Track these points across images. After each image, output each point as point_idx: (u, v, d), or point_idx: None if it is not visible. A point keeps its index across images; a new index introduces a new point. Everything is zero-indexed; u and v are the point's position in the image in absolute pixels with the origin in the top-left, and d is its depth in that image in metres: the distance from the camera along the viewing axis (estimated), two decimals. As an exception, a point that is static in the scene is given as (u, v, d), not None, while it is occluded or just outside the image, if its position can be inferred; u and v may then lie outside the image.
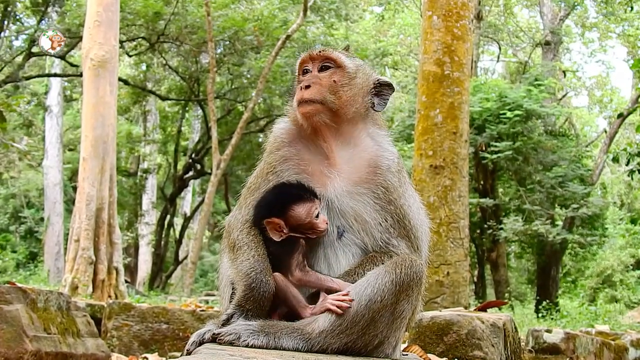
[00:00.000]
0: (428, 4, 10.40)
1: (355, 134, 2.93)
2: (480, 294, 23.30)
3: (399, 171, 2.92)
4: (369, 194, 2.82)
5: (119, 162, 25.86)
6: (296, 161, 2.90)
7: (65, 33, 21.33)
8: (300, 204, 2.74)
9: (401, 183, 2.89)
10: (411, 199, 2.93)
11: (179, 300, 17.65)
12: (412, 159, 10.59)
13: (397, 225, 2.82)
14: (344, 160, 2.88)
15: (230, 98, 27.85)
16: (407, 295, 2.67)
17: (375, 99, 2.97)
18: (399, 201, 2.84)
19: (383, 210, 2.81)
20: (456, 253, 9.63)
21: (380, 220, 2.80)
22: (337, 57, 2.93)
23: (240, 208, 2.94)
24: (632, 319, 17.04)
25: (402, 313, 2.68)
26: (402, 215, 2.83)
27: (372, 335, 2.65)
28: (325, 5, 26.00)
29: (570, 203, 21.27)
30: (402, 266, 2.66)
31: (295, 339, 2.61)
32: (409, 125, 21.47)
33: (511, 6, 32.65)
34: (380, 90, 2.98)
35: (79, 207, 15.14)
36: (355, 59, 3.01)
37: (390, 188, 2.83)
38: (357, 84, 2.93)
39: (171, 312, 8.08)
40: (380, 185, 2.83)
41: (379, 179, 2.84)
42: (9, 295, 5.56)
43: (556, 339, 6.95)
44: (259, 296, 2.64)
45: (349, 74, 2.92)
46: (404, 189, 2.90)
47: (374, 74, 3.02)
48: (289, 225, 2.74)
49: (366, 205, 2.80)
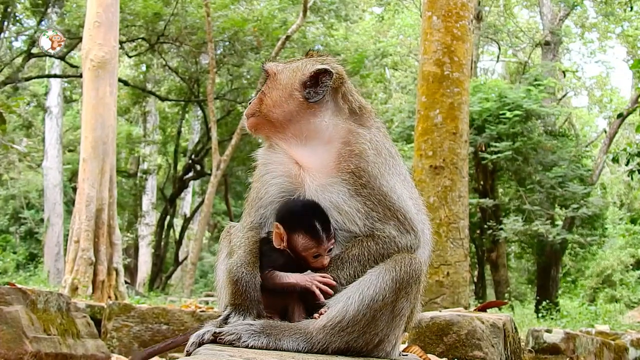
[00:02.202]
0: (428, 4, 10.41)
1: (312, 128, 2.90)
2: (480, 294, 23.30)
3: (377, 153, 2.85)
4: (341, 182, 2.79)
5: (118, 163, 25.86)
6: (274, 166, 2.94)
7: (65, 34, 21.31)
8: (308, 237, 2.72)
9: (378, 164, 2.83)
10: (393, 179, 2.86)
11: (178, 301, 17.65)
12: (412, 160, 10.60)
13: (379, 208, 2.76)
14: (310, 157, 2.88)
15: (230, 99, 27.85)
16: (407, 292, 2.67)
17: (312, 90, 2.91)
18: (374, 182, 2.78)
19: (358, 195, 2.76)
20: (456, 253, 9.64)
21: (359, 207, 2.76)
22: (267, 68, 3.03)
23: (242, 216, 3.04)
24: (632, 318, 17.04)
25: (401, 311, 2.68)
26: (382, 196, 2.78)
27: (372, 334, 2.65)
28: (325, 6, 26.00)
29: (570, 203, 21.27)
30: (402, 264, 2.66)
31: (297, 340, 2.61)
32: (408, 126, 21.47)
33: (511, 6, 32.66)
34: (317, 80, 2.92)
35: (79, 208, 15.14)
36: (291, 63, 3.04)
37: (360, 171, 2.78)
38: (280, 86, 2.96)
39: (171, 313, 8.09)
40: (347, 171, 2.79)
41: (347, 164, 2.80)
42: (9, 297, 5.56)
43: (556, 339, 6.95)
44: (243, 289, 2.67)
45: (275, 80, 2.98)
46: (381, 169, 2.83)
47: (311, 67, 2.95)
48: (289, 243, 2.76)
49: (340, 194, 2.77)
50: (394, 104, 31.43)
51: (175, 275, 31.57)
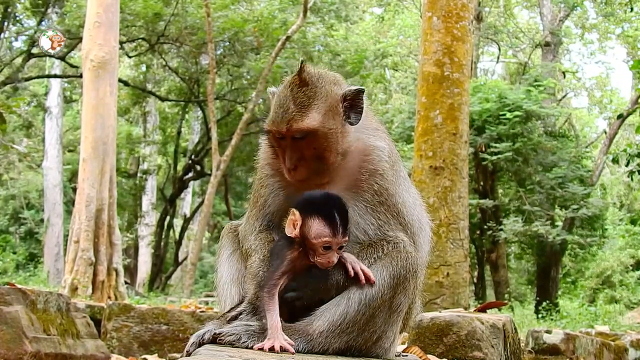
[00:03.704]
0: (428, 5, 10.41)
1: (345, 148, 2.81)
2: (480, 295, 23.30)
3: (392, 167, 2.85)
4: (358, 198, 2.78)
5: (118, 163, 25.86)
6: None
7: (65, 34, 21.31)
8: (323, 224, 2.60)
9: (394, 180, 2.84)
10: (406, 195, 2.89)
11: (178, 301, 17.64)
12: (412, 160, 10.60)
13: (392, 222, 2.79)
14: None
15: (230, 99, 27.85)
16: (404, 288, 2.68)
17: (351, 113, 2.80)
18: (391, 200, 2.80)
19: (375, 211, 2.78)
20: (456, 254, 9.64)
21: (373, 221, 2.78)
22: (307, 127, 2.69)
23: (247, 219, 2.98)
24: (632, 319, 17.03)
25: (399, 307, 2.69)
26: (397, 212, 2.81)
27: (371, 332, 2.66)
28: (325, 6, 26.00)
29: (570, 204, 21.27)
30: (398, 259, 2.68)
31: (296, 340, 2.60)
32: (408, 127, 21.47)
33: (511, 7, 32.66)
34: (352, 101, 2.80)
35: (79, 208, 15.13)
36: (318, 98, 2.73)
37: (381, 189, 2.79)
38: (333, 131, 2.73)
39: (171, 313, 8.08)
40: (368, 190, 2.79)
41: (368, 183, 2.79)
42: (8, 297, 5.56)
43: (556, 340, 6.95)
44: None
45: (325, 131, 2.72)
46: (396, 186, 2.84)
47: (339, 91, 2.80)
48: (302, 230, 2.65)
49: (357, 210, 2.77)
50: (394, 105, 31.45)
51: (175, 276, 31.57)
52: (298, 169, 2.72)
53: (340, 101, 2.78)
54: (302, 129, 2.69)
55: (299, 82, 2.76)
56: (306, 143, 2.71)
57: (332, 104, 2.76)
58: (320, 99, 2.74)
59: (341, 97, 2.78)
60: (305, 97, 2.73)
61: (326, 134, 2.71)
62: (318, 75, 2.81)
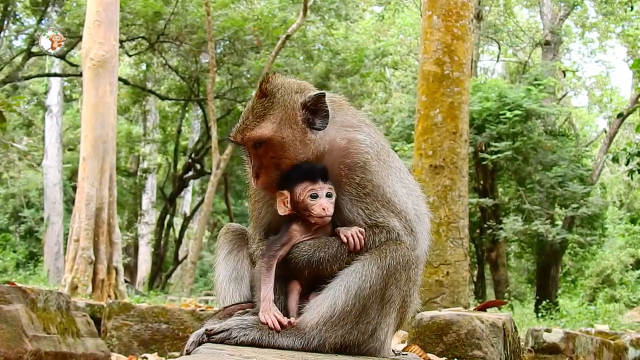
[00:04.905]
0: (428, 3, 10.41)
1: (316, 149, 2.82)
2: (480, 294, 23.32)
3: (376, 157, 2.84)
4: (343, 192, 2.80)
5: (118, 161, 25.86)
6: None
7: (65, 33, 21.33)
8: (301, 178, 2.74)
9: (379, 170, 2.83)
10: (397, 184, 2.89)
11: (178, 300, 17.66)
12: (412, 159, 10.60)
13: (383, 210, 2.80)
14: None
15: (230, 98, 27.84)
16: (396, 279, 2.69)
17: (315, 119, 2.80)
18: (378, 190, 2.80)
19: (361, 202, 2.79)
20: (456, 253, 9.64)
21: (360, 211, 2.79)
22: (260, 136, 2.76)
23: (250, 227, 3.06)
24: (632, 318, 17.03)
25: (391, 298, 2.70)
26: (386, 202, 2.81)
27: (365, 324, 2.67)
28: (325, 5, 25.99)
29: (569, 203, 21.27)
30: (387, 250, 2.70)
31: (290, 337, 2.63)
32: (408, 125, 21.47)
33: (511, 6, 32.65)
34: (314, 107, 2.80)
35: (79, 206, 15.14)
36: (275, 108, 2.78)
37: (365, 182, 2.79)
38: (290, 139, 2.76)
39: (171, 312, 8.09)
40: (351, 184, 2.80)
41: (351, 177, 2.80)
42: (8, 295, 5.56)
43: (556, 339, 6.96)
44: None
45: (279, 139, 2.76)
46: (383, 175, 2.84)
47: (299, 99, 2.81)
48: (292, 200, 2.75)
49: (342, 203, 2.80)
50: (394, 104, 31.46)
51: (175, 274, 31.57)
52: (260, 177, 2.81)
53: (300, 109, 2.80)
54: (253, 138, 2.78)
55: (259, 93, 2.85)
56: (263, 152, 2.79)
57: (290, 112, 2.79)
58: (277, 108, 2.80)
59: (300, 105, 2.80)
60: (261, 107, 2.81)
61: (282, 143, 2.76)
62: (280, 86, 2.85)
